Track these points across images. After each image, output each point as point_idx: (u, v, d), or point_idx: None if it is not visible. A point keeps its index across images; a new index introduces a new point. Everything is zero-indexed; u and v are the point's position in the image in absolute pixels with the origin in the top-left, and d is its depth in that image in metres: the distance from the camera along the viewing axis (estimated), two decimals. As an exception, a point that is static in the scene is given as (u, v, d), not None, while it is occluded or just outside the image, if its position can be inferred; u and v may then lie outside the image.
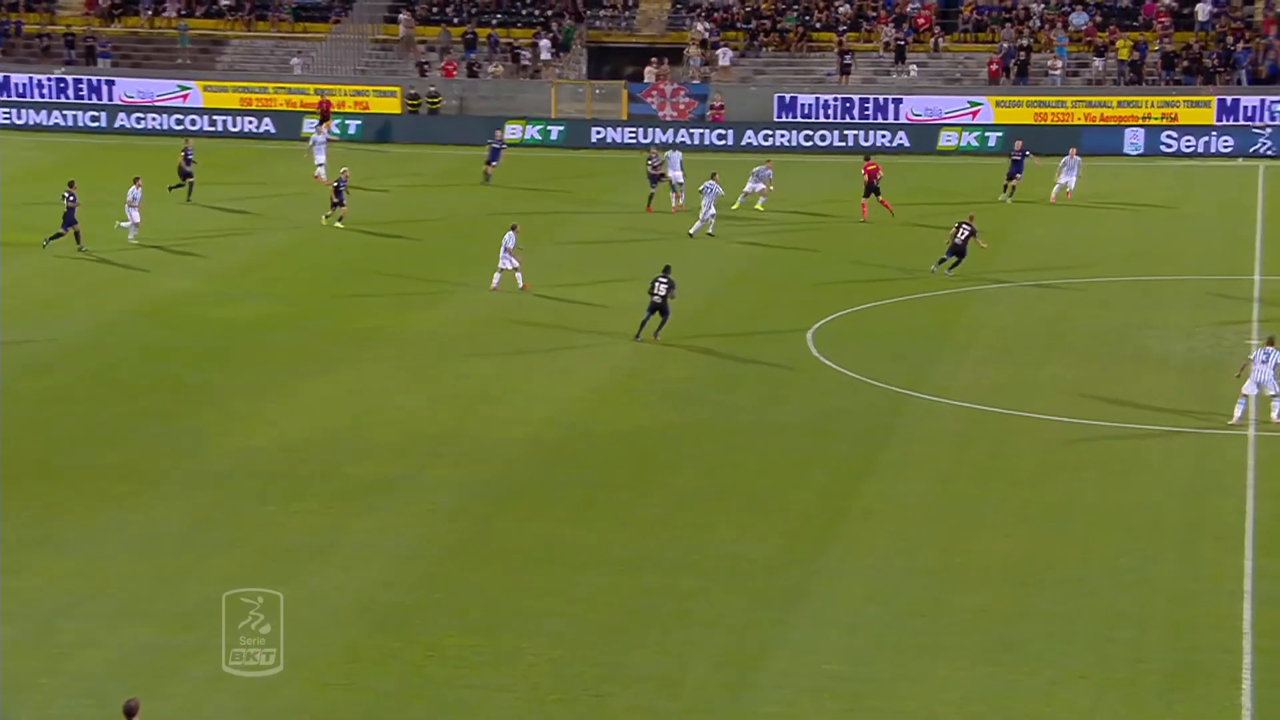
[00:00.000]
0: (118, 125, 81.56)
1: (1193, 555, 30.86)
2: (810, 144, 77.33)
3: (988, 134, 76.77)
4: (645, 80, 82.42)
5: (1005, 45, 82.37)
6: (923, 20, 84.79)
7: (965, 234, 51.45)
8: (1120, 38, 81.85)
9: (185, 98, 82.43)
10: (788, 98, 79.79)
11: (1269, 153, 74.69)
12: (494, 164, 68.92)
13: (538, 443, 36.92)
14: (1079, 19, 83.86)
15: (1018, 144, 66.27)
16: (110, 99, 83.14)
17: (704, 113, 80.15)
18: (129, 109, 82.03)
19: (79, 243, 54.55)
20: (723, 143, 77.43)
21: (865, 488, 34.29)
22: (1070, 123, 77.23)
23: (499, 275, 49.87)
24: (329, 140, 70.59)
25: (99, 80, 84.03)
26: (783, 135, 77.88)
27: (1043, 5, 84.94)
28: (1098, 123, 77.46)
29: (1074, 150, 66.54)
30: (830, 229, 61.08)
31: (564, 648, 26.72)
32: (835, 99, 79.53)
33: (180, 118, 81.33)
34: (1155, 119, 77.21)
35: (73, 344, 44.89)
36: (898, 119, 78.33)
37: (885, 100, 78.96)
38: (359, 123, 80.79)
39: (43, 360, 43.15)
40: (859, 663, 26.37)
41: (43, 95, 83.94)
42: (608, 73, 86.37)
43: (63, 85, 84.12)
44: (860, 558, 30.62)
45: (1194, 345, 45.03)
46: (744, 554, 30.63)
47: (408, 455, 35.89)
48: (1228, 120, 76.78)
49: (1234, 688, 25.55)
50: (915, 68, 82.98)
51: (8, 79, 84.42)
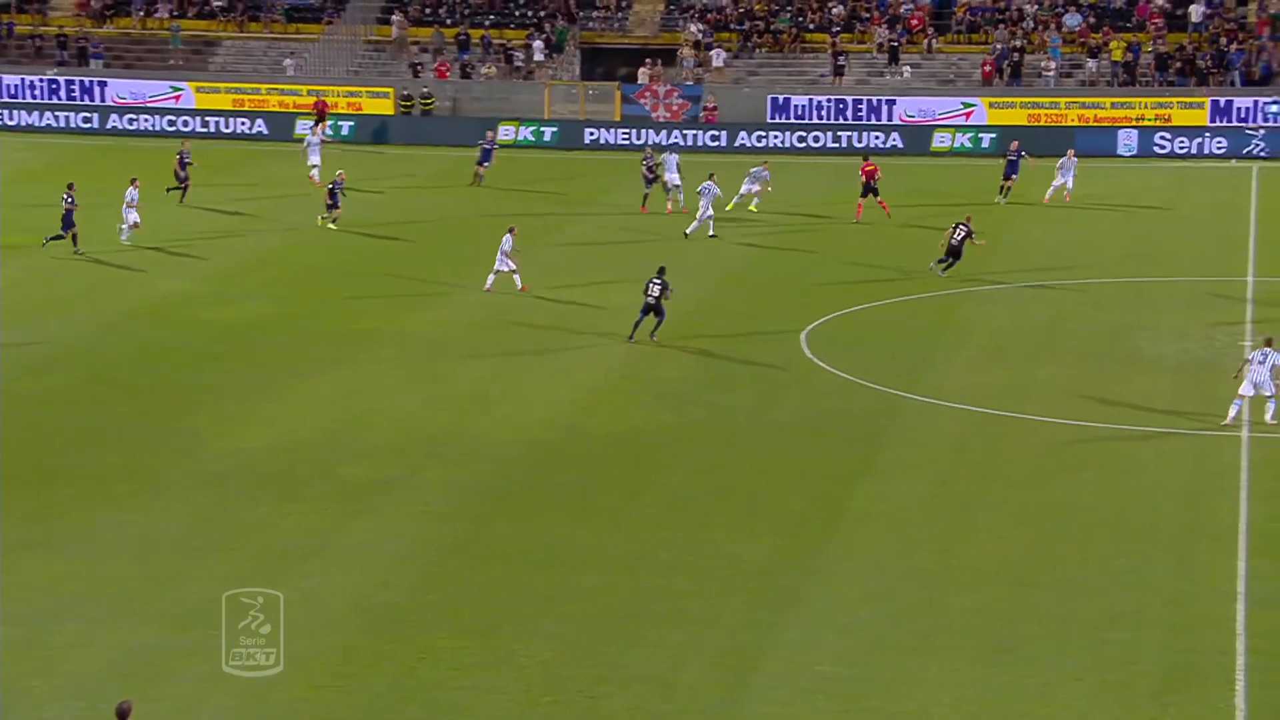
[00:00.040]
0: (110, 126, 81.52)
1: (1188, 557, 30.90)
2: (804, 145, 77.41)
3: (981, 135, 76.86)
4: (638, 81, 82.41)
5: (999, 46, 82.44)
6: (916, 21, 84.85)
7: (961, 235, 51.51)
8: (1113, 39, 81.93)
9: (178, 99, 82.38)
10: (781, 99, 79.80)
11: (1262, 154, 74.83)
12: (485, 165, 68.75)
13: (533, 444, 36.94)
14: (1072, 20, 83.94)
15: (1013, 144, 66.30)
16: (102, 100, 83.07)
17: (697, 114, 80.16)
18: (121, 110, 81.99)
19: (76, 245, 54.60)
20: (716, 144, 77.48)
21: (861, 489, 34.32)
22: (1064, 124, 77.33)
23: (494, 277, 49.88)
24: (324, 141, 70.61)
25: (91, 81, 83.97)
26: (776, 136, 77.94)
27: (1036, 6, 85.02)
28: (1091, 124, 77.56)
29: (1071, 151, 66.61)
30: (825, 230, 61.13)
31: (559, 649, 26.72)
32: (829, 100, 79.51)
33: (173, 119, 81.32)
34: (1149, 120, 77.33)
35: (70, 345, 44.88)
36: (891, 120, 78.37)
37: (879, 101, 78.97)
38: (352, 124, 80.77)
39: (40, 361, 43.14)
40: (854, 664, 26.38)
41: (35, 96, 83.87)
42: (601, 74, 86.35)
43: (55, 86, 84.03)
44: (856, 559, 30.64)
45: (1188, 346, 45.09)
46: (739, 555, 30.64)
47: (404, 456, 35.90)
48: (1221, 121, 76.88)
49: (1228, 689, 25.57)
50: (909, 69, 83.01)
51: (0, 80, 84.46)
